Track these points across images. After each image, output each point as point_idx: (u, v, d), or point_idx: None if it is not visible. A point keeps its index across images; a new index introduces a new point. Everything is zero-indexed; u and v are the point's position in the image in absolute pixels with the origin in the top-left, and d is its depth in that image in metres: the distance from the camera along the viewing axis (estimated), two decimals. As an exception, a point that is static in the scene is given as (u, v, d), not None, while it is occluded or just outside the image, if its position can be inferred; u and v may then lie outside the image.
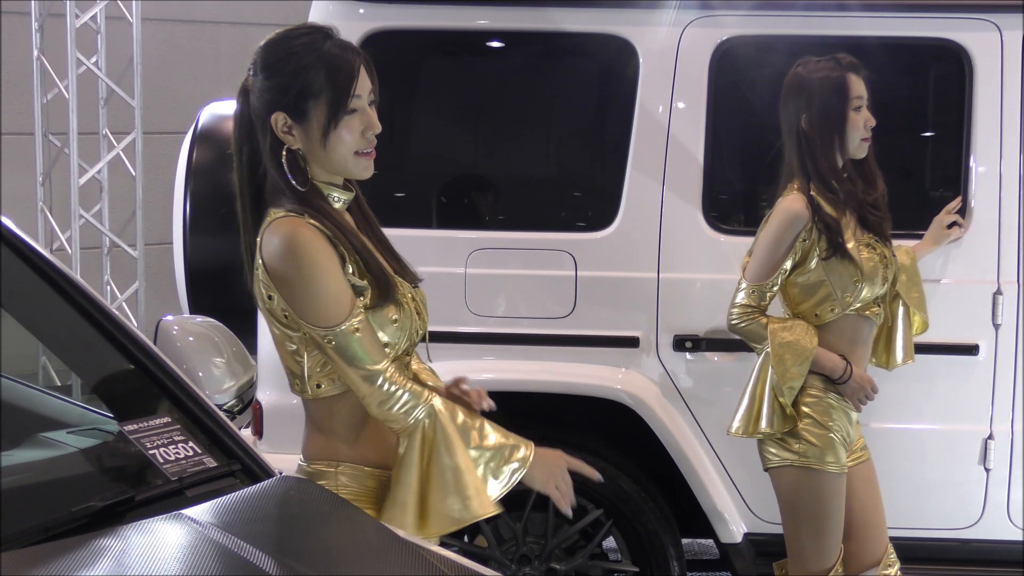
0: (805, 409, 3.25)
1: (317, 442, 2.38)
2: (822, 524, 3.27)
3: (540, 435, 3.73)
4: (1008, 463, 3.72)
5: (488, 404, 2.44)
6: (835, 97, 3.25)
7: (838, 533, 3.30)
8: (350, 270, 2.27)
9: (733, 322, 3.28)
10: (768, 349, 3.24)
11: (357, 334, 2.23)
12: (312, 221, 2.25)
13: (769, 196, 3.43)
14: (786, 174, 3.33)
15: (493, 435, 2.31)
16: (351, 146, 2.29)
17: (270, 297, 2.27)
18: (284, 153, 2.27)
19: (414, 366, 2.46)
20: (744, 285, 3.27)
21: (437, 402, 2.27)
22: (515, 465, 2.30)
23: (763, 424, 3.24)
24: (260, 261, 2.27)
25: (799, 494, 3.28)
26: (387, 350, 2.30)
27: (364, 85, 2.30)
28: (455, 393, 2.45)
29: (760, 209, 3.65)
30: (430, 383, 2.44)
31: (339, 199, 2.34)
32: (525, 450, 2.32)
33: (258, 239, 2.28)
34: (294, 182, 2.27)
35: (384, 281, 2.31)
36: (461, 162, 4.06)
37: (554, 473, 2.35)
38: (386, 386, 2.24)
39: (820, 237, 3.22)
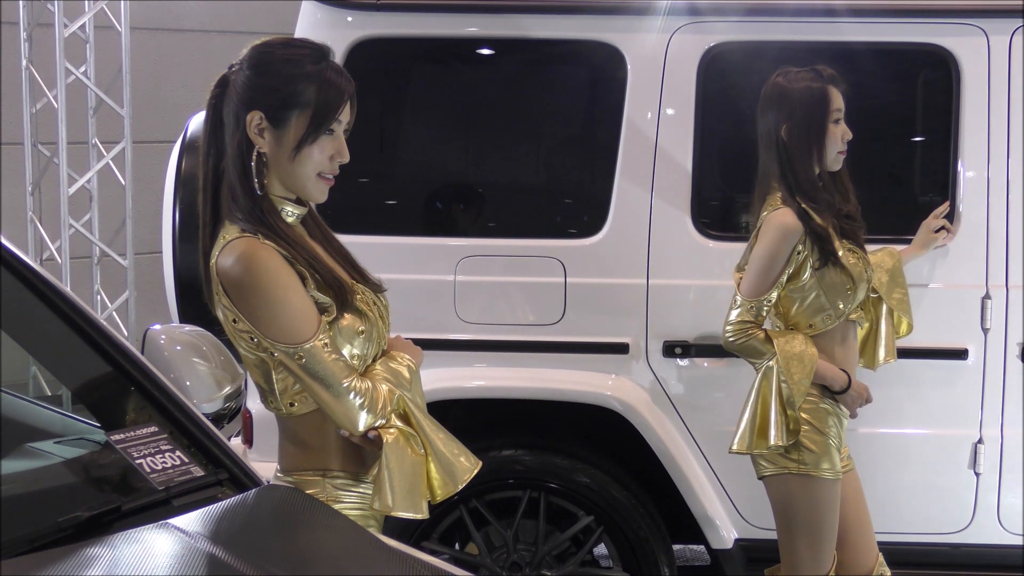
0: (804, 415, 3.24)
1: (299, 453, 2.35)
2: (818, 531, 3.27)
3: (530, 442, 3.80)
4: (998, 467, 3.73)
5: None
6: (816, 108, 3.24)
7: (833, 539, 3.30)
8: (312, 286, 2.26)
9: (730, 339, 3.26)
10: (768, 363, 3.23)
11: (326, 349, 2.22)
12: (267, 242, 2.24)
13: (749, 204, 3.42)
14: (761, 184, 3.32)
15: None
16: (318, 166, 2.29)
17: (235, 321, 2.25)
18: (255, 155, 2.26)
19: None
20: (740, 301, 3.25)
21: (406, 395, 2.29)
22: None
23: (772, 438, 3.21)
24: (220, 287, 2.25)
25: (795, 501, 3.27)
26: (356, 362, 2.29)
27: (347, 113, 2.31)
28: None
29: (749, 215, 3.65)
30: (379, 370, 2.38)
31: (292, 214, 2.33)
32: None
33: (212, 261, 2.26)
34: (255, 182, 2.26)
35: (340, 289, 2.29)
36: (450, 169, 4.05)
37: None
38: (355, 399, 2.22)
39: (813, 248, 3.22)
